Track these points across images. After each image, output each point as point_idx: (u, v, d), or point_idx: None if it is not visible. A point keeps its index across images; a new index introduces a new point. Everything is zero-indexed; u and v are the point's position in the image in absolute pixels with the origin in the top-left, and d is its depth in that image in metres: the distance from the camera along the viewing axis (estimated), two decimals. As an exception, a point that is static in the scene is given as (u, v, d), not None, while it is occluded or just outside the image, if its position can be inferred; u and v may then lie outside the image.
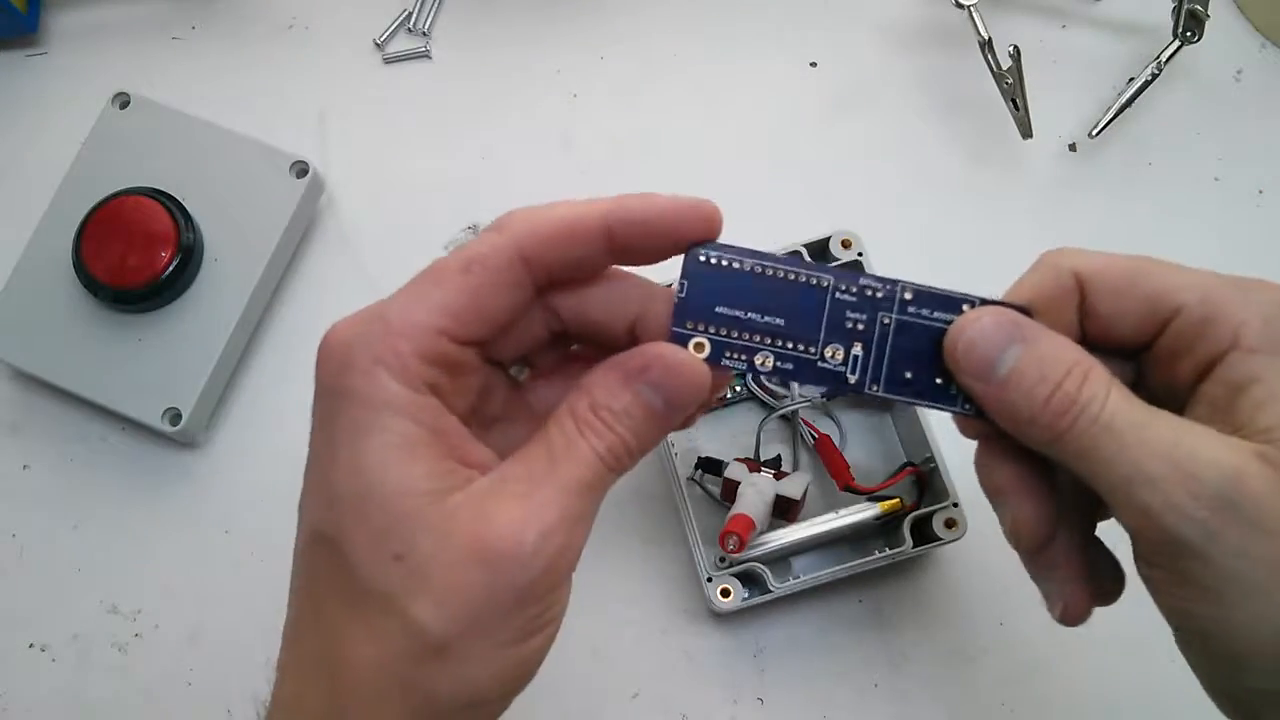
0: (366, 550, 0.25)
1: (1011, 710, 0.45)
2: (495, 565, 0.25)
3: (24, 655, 0.47)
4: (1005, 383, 0.27)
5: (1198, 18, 0.50)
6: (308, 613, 0.27)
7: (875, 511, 0.43)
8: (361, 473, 0.26)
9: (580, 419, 0.27)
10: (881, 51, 0.54)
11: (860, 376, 0.29)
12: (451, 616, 0.25)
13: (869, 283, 0.29)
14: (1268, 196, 0.51)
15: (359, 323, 0.27)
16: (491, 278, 0.28)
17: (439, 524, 0.25)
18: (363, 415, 0.26)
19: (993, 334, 0.28)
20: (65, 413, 0.49)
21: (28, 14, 0.54)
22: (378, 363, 0.26)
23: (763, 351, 0.29)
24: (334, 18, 0.55)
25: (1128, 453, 0.26)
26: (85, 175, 0.49)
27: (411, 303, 0.27)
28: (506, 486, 0.26)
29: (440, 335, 0.27)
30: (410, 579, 0.25)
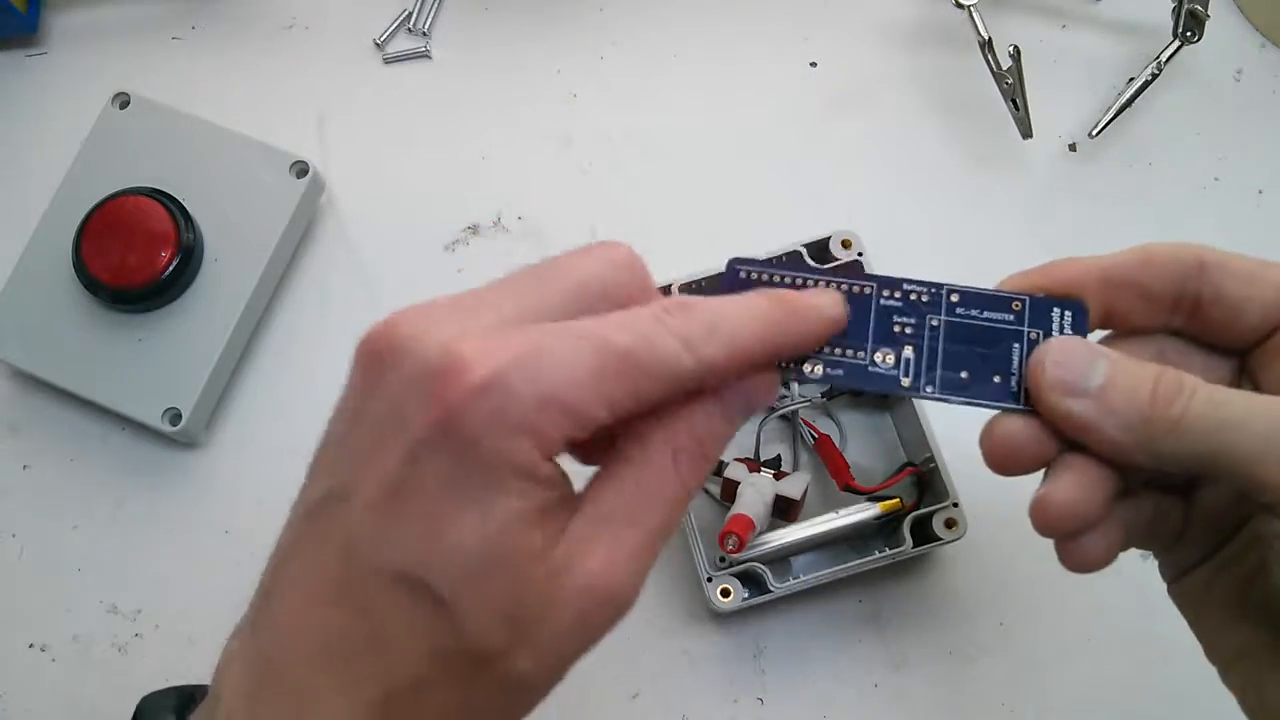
0: (480, 613, 0.25)
1: (1011, 710, 0.45)
2: (592, 614, 0.25)
3: (24, 655, 0.47)
4: (1102, 392, 0.27)
5: (1198, 18, 0.50)
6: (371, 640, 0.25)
7: (875, 511, 0.43)
8: (489, 536, 0.25)
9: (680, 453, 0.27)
10: (881, 51, 0.54)
11: (914, 380, 0.29)
12: (549, 669, 0.26)
13: (913, 287, 0.30)
14: (1268, 196, 0.51)
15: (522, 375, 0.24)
16: (666, 392, 0.26)
17: (545, 581, 0.25)
18: (500, 475, 0.24)
19: (1077, 350, 0.28)
20: (65, 413, 0.49)
21: (28, 14, 0.54)
22: (532, 433, 0.24)
23: (811, 359, 0.29)
24: (334, 18, 0.55)
25: (1247, 433, 0.26)
26: (85, 175, 0.49)
27: (588, 387, 0.25)
28: (605, 528, 0.26)
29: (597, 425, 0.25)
30: (517, 637, 0.25)
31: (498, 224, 0.51)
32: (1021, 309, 0.29)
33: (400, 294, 0.52)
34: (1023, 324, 0.29)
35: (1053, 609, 0.46)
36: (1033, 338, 0.29)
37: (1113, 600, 0.45)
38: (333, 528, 0.27)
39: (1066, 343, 0.28)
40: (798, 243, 0.45)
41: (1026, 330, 0.29)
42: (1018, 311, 0.29)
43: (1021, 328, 0.29)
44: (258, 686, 0.27)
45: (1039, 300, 0.29)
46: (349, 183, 0.52)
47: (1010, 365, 0.29)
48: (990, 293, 0.29)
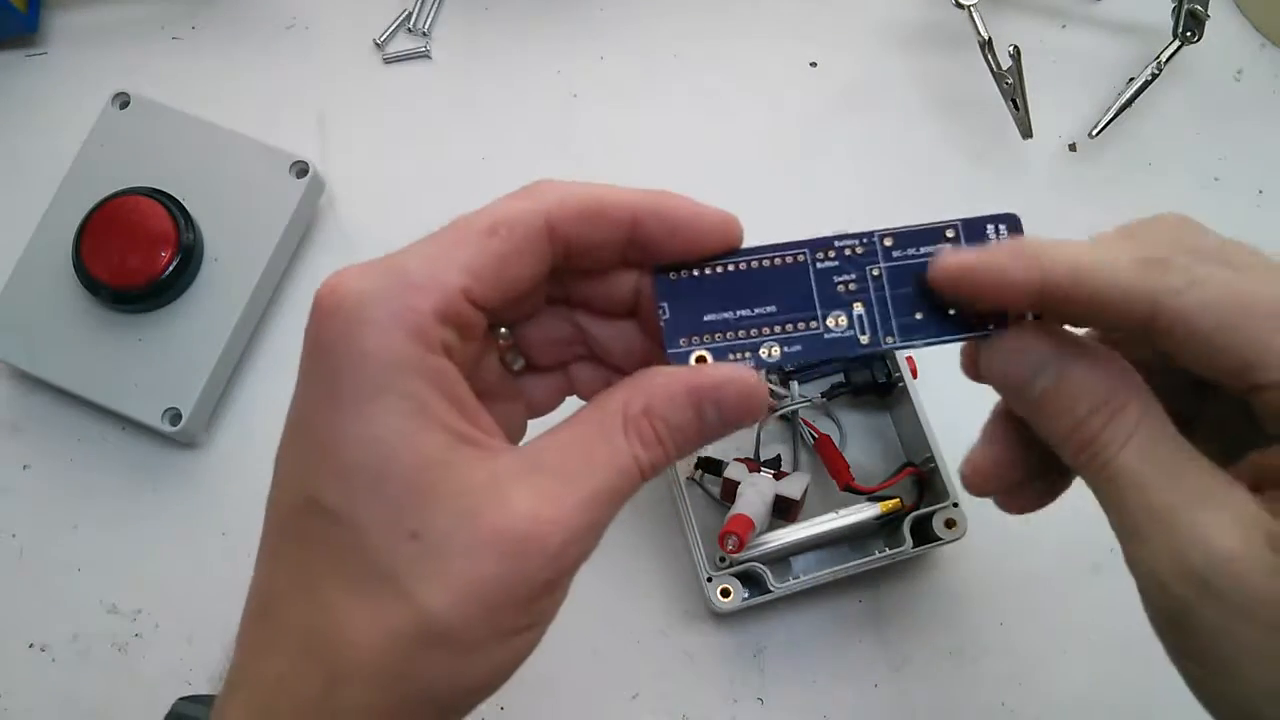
0: (380, 526, 0.24)
1: (1011, 710, 0.45)
2: (514, 558, 0.24)
3: (24, 655, 0.47)
4: (1036, 404, 0.27)
5: (1198, 18, 0.50)
6: (294, 585, 0.25)
7: (875, 511, 0.43)
8: (376, 441, 0.24)
9: (631, 422, 0.26)
10: (881, 51, 0.54)
11: (872, 334, 0.28)
12: (462, 605, 0.24)
13: (846, 242, 0.29)
14: (1268, 196, 0.51)
15: (374, 275, 0.25)
16: (518, 243, 0.26)
17: (458, 502, 0.24)
18: (375, 375, 0.24)
19: (1030, 354, 0.27)
20: (65, 413, 0.49)
21: (28, 14, 0.54)
22: (395, 319, 0.24)
23: (766, 342, 0.28)
24: (334, 18, 0.55)
25: (1126, 510, 0.25)
26: (85, 175, 0.49)
27: (435, 258, 0.26)
28: (536, 477, 0.25)
29: (460, 295, 0.25)
30: (424, 560, 0.24)
31: (498, 224, 0.51)
32: (956, 235, 0.29)
33: (400, 294, 0.52)
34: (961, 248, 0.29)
35: (1053, 609, 0.46)
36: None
37: (1112, 600, 0.45)
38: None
39: (1022, 340, 0.27)
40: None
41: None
42: (953, 239, 0.29)
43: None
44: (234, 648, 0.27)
45: (971, 221, 0.29)
46: (349, 183, 0.52)
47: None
48: (922, 227, 0.29)
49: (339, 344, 0.25)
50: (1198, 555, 0.24)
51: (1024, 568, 0.46)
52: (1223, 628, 0.24)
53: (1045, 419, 0.27)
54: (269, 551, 0.26)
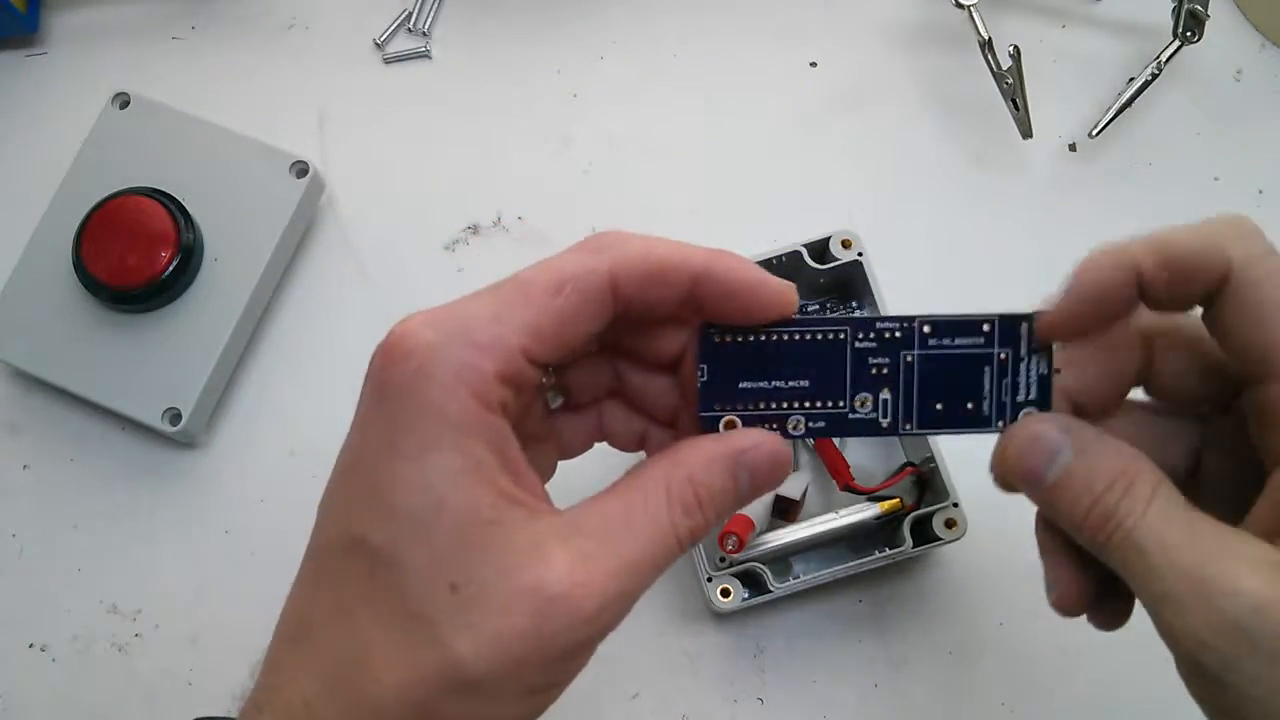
0: (422, 572, 0.25)
1: (1011, 710, 0.45)
2: (546, 617, 0.24)
3: (24, 655, 0.47)
4: (1052, 491, 0.28)
5: (1198, 18, 0.50)
6: (330, 615, 0.26)
7: (875, 511, 0.43)
8: (430, 490, 0.25)
9: (674, 492, 0.27)
10: (881, 51, 0.54)
11: (892, 420, 0.30)
12: (491, 657, 0.24)
13: (886, 325, 0.29)
14: (1268, 196, 0.51)
15: (441, 327, 0.26)
16: (582, 303, 0.27)
17: (500, 559, 0.25)
18: (436, 429, 0.25)
19: (1042, 443, 0.28)
20: (65, 413, 0.49)
21: (28, 14, 0.54)
22: (459, 377, 0.25)
23: (794, 416, 0.29)
24: (334, 18, 0.55)
25: (1155, 574, 0.26)
26: (85, 175, 0.49)
27: (498, 316, 0.26)
28: (577, 541, 0.25)
29: (522, 356, 0.26)
30: (460, 610, 0.24)
31: (498, 224, 0.52)
32: (991, 330, 0.29)
33: (400, 294, 0.53)
34: (992, 345, 0.30)
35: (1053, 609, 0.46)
36: (1002, 358, 0.29)
37: (1113, 600, 0.45)
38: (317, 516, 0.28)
39: (1034, 428, 0.28)
40: (797, 243, 0.45)
41: (996, 351, 0.29)
42: (987, 333, 0.30)
43: (991, 349, 0.29)
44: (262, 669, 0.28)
45: (1005, 318, 0.29)
46: (349, 183, 0.52)
47: (981, 390, 0.29)
48: (960, 318, 0.30)
49: (404, 392, 0.25)
50: (1233, 606, 0.24)
51: (1024, 567, 0.46)
52: (1258, 677, 0.24)
53: (1064, 503, 0.27)
54: (308, 580, 0.27)
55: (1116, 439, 0.28)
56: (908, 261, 0.48)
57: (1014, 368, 0.29)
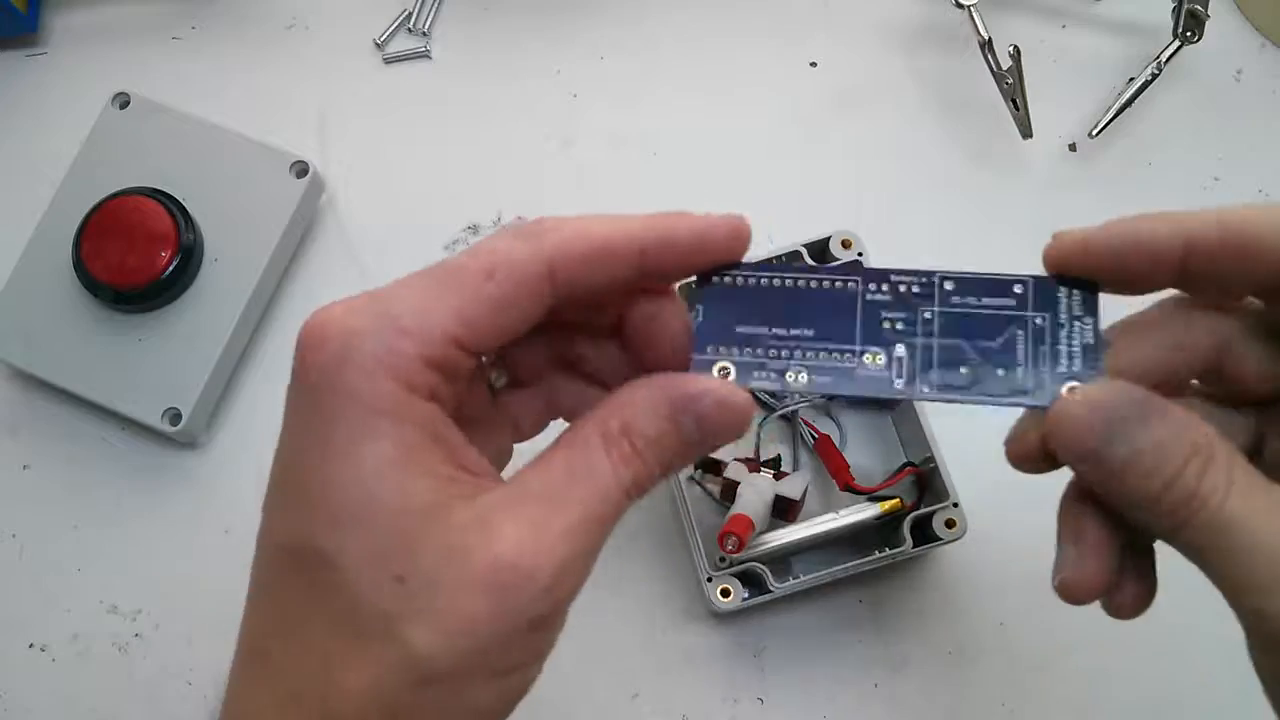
0: (365, 569, 0.24)
1: (1011, 710, 0.45)
2: (504, 594, 0.23)
3: (24, 655, 0.47)
4: (1119, 472, 0.25)
5: (1198, 18, 0.50)
6: (282, 628, 0.25)
7: (875, 511, 0.43)
8: (361, 484, 0.24)
9: (610, 440, 0.25)
10: (881, 51, 0.54)
11: (909, 381, 0.26)
12: (453, 645, 0.23)
13: (902, 278, 0.27)
14: (1268, 196, 0.51)
15: (361, 314, 0.25)
16: (515, 290, 0.25)
17: (444, 542, 0.24)
18: (361, 419, 0.24)
19: (1107, 417, 0.25)
20: (65, 413, 0.49)
21: (28, 14, 0.54)
22: (381, 365, 0.24)
23: (794, 365, 0.27)
24: (334, 18, 0.55)
25: (1241, 555, 0.24)
26: (85, 175, 0.49)
27: (426, 303, 0.25)
28: (520, 507, 0.24)
29: (451, 343, 0.25)
30: (412, 602, 0.23)
31: (498, 224, 0.52)
32: (1024, 291, 0.27)
33: (400, 294, 0.52)
34: (1026, 308, 0.27)
35: (1053, 609, 0.45)
36: (1038, 323, 0.26)
37: (1113, 600, 0.45)
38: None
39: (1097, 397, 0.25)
40: (797, 243, 0.45)
41: (1031, 316, 0.27)
42: (1020, 295, 0.27)
43: (1025, 313, 0.27)
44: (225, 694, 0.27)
45: (1043, 280, 0.27)
46: (349, 183, 0.52)
47: (1015, 357, 0.26)
48: (988, 276, 0.27)
49: (324, 383, 0.24)
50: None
51: (1024, 568, 0.46)
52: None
53: (1132, 484, 0.25)
54: (257, 593, 0.26)
55: (1181, 406, 0.25)
56: (908, 261, 0.48)
57: (1053, 335, 0.26)
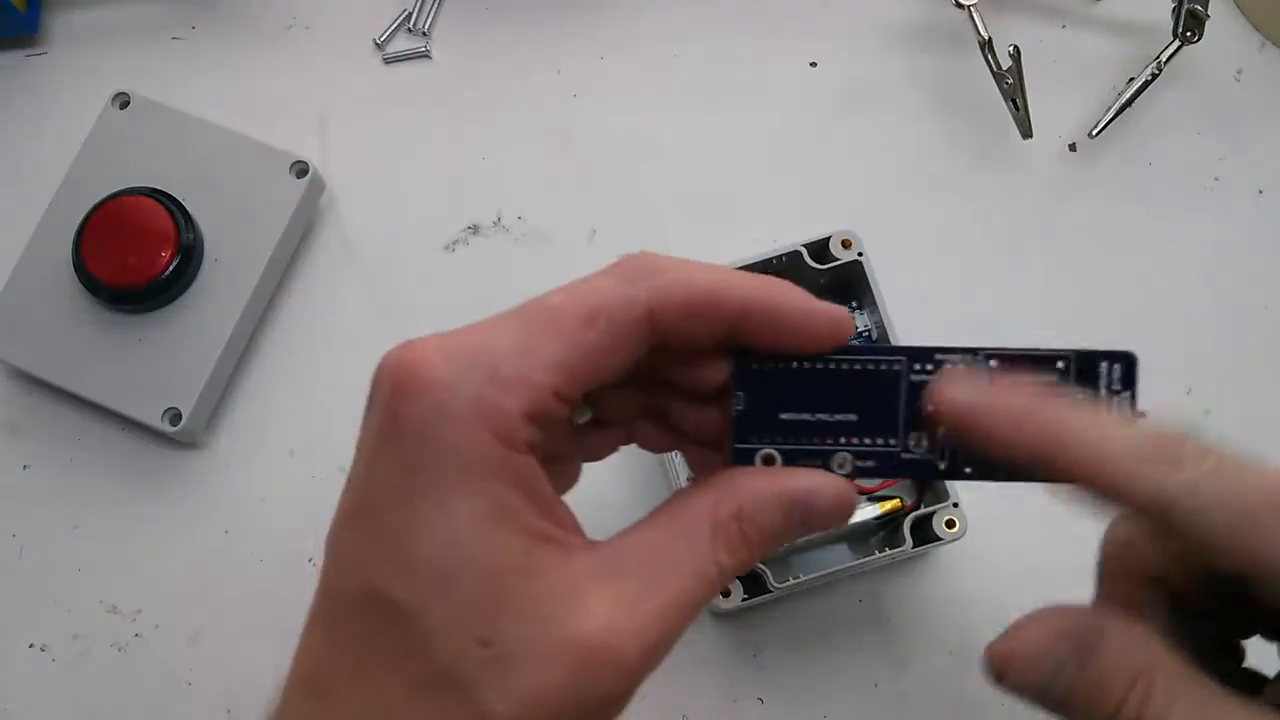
0: (449, 630, 0.23)
1: (1011, 710, 0.45)
2: (588, 673, 0.23)
3: (24, 655, 0.47)
4: (1063, 703, 0.25)
5: (1198, 18, 0.50)
6: (350, 671, 0.24)
7: (875, 511, 0.43)
8: (451, 542, 0.23)
9: (720, 527, 0.25)
10: (881, 51, 0.54)
11: (951, 462, 0.27)
12: (528, 716, 0.23)
13: (947, 357, 0.27)
14: (1268, 196, 0.51)
15: (460, 359, 0.24)
16: (616, 337, 0.24)
17: (532, 609, 0.23)
18: (458, 476, 0.23)
19: (1042, 654, 0.25)
20: (65, 413, 0.49)
21: (28, 14, 0.54)
22: (481, 418, 0.23)
23: (839, 453, 0.27)
24: (334, 18, 0.55)
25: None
26: (85, 175, 0.49)
27: (524, 350, 0.24)
28: (616, 581, 0.24)
29: (551, 394, 0.24)
30: (493, 668, 0.23)
31: (498, 224, 0.51)
32: (1067, 368, 0.26)
33: (400, 294, 0.53)
34: (1068, 383, 0.27)
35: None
36: (1079, 399, 0.26)
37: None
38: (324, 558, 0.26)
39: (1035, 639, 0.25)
40: (797, 243, 0.45)
41: (1072, 392, 0.27)
42: (1062, 370, 0.26)
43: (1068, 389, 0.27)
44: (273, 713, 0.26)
45: (1085, 355, 0.26)
46: (349, 183, 0.52)
47: None
48: (1033, 352, 0.27)
49: (419, 433, 0.23)
50: None
51: (1024, 568, 0.46)
52: None
53: (1076, 713, 0.25)
54: (321, 631, 0.25)
55: (1123, 621, 0.25)
56: (908, 261, 0.48)
57: None
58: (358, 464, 0.25)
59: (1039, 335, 0.49)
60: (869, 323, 0.46)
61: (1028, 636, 0.26)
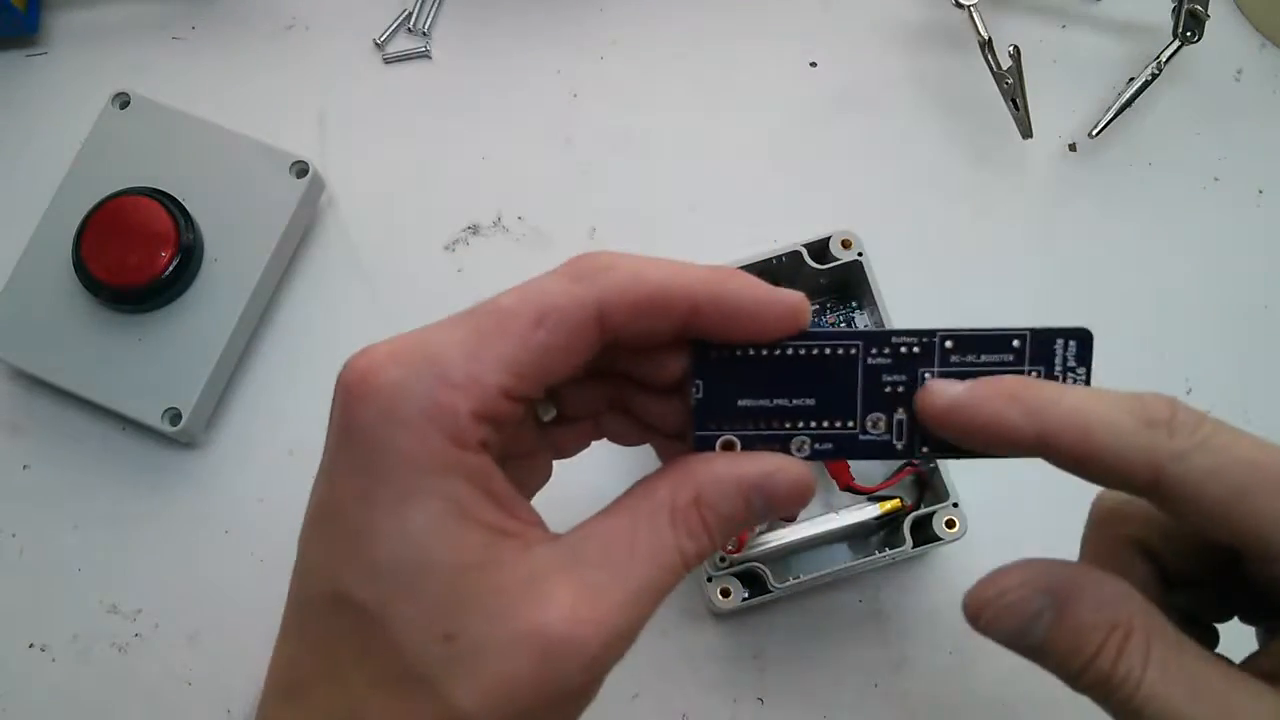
0: (412, 627, 0.23)
1: (1011, 710, 0.45)
2: (552, 662, 0.23)
3: (24, 655, 0.47)
4: (1039, 651, 0.26)
5: (1198, 18, 0.50)
6: (321, 672, 0.25)
7: (875, 511, 0.43)
8: (408, 542, 0.23)
9: (678, 513, 0.25)
10: (881, 51, 0.54)
11: (908, 442, 0.27)
12: (495, 707, 0.23)
13: (903, 340, 0.27)
14: (1268, 196, 0.51)
15: (406, 365, 0.24)
16: (566, 337, 0.25)
17: (495, 602, 0.23)
18: (410, 477, 0.23)
19: (1020, 604, 0.25)
20: (65, 413, 0.49)
21: (28, 14, 0.54)
22: (430, 420, 0.23)
23: (798, 437, 0.27)
24: (334, 18, 0.55)
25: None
26: (85, 175, 0.49)
27: (474, 353, 0.24)
28: (577, 571, 0.24)
29: (501, 395, 0.24)
30: (458, 662, 0.23)
31: (498, 224, 0.52)
32: (1022, 346, 0.27)
33: (400, 294, 0.53)
34: (1023, 363, 0.27)
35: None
36: (1034, 376, 0.27)
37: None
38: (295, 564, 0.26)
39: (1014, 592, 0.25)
40: (797, 243, 0.45)
41: (1027, 369, 0.27)
42: (1017, 349, 0.27)
43: (1022, 367, 0.27)
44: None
45: (1040, 332, 0.27)
46: (349, 183, 0.52)
47: None
48: (987, 332, 0.27)
49: (371, 437, 0.24)
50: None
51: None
52: None
53: (1053, 663, 0.26)
54: (294, 634, 0.26)
55: (1103, 575, 0.26)
56: (908, 261, 0.48)
57: None
58: (320, 470, 0.25)
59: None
60: (869, 322, 0.47)
61: (1006, 584, 0.26)
